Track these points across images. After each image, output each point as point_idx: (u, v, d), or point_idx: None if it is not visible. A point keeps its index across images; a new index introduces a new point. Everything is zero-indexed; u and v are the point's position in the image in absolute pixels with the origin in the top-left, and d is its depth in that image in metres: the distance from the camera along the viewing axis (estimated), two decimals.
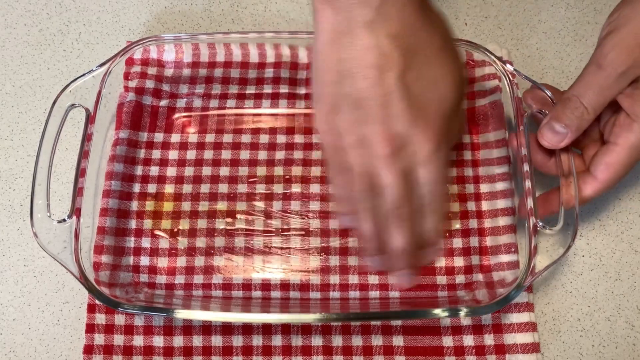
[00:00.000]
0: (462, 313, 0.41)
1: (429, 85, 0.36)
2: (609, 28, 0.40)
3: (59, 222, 0.42)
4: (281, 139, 0.49)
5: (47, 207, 0.42)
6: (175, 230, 0.47)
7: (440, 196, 0.39)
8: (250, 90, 0.50)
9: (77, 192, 0.43)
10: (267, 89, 0.50)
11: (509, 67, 0.46)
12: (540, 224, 0.41)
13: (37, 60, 0.53)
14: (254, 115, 0.50)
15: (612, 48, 0.39)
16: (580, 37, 0.53)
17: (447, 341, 0.44)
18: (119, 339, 0.44)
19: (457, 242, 0.46)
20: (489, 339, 0.44)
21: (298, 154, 0.49)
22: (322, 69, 0.37)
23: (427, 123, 0.36)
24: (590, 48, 0.53)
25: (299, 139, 0.49)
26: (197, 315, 0.42)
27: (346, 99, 0.36)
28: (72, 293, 0.46)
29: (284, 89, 0.50)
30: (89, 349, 0.44)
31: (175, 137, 0.49)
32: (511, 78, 0.45)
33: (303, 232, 0.47)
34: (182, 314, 0.41)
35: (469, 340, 0.44)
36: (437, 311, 0.41)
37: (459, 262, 0.46)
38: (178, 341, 0.44)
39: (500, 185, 0.46)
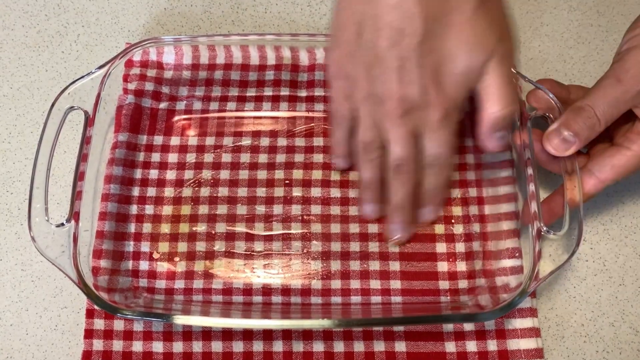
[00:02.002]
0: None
1: (445, 56, 0.37)
2: (631, 44, 0.40)
3: (57, 226, 0.42)
4: (282, 141, 0.49)
5: (45, 211, 0.42)
6: (175, 234, 0.46)
7: (445, 161, 0.41)
8: (251, 92, 0.50)
9: (76, 195, 0.42)
10: (268, 92, 0.50)
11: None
12: (545, 228, 0.40)
13: (35, 62, 0.52)
14: (255, 118, 0.50)
15: (635, 65, 0.39)
16: (583, 40, 0.53)
17: (450, 347, 0.43)
18: (117, 345, 0.43)
19: (460, 247, 0.46)
20: (492, 345, 0.43)
21: (299, 157, 0.48)
22: (344, 15, 0.39)
23: (439, 92, 0.38)
24: (593, 51, 0.52)
25: (299, 142, 0.49)
26: (197, 320, 0.42)
27: (363, 51, 0.38)
28: (71, 298, 0.46)
29: (284, 92, 0.50)
30: (87, 355, 0.43)
31: (174, 140, 0.49)
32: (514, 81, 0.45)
33: (304, 236, 0.46)
34: (181, 320, 0.40)
35: (472, 345, 0.43)
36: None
37: (461, 266, 0.45)
38: (178, 347, 0.43)
39: (503, 189, 0.46)
